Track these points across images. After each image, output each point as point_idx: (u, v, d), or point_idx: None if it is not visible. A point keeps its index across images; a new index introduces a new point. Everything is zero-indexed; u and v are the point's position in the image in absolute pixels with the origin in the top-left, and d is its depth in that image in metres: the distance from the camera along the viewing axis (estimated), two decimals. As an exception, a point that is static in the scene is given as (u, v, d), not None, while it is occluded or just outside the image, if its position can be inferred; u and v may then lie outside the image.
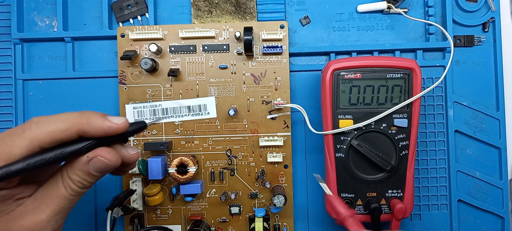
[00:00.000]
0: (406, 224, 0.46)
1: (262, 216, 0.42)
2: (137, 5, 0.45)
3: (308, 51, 0.45)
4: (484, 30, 0.45)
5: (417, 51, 0.45)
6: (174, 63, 0.44)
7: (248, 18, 0.45)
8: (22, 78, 0.45)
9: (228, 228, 0.44)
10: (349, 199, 0.40)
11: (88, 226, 0.45)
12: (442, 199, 0.45)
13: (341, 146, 0.40)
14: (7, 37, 0.46)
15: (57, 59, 0.46)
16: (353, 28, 0.46)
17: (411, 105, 0.39)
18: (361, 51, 0.45)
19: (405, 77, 0.39)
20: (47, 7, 0.46)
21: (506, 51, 0.46)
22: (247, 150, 0.44)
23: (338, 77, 0.39)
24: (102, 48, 0.46)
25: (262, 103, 0.44)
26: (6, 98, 0.46)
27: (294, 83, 0.46)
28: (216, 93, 0.44)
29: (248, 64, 0.44)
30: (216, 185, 0.44)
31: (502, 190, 0.45)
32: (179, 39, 0.44)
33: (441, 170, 0.45)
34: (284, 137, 0.43)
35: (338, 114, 0.39)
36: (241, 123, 0.44)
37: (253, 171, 0.44)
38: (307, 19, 0.46)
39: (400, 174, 0.40)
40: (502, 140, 0.45)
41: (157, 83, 0.44)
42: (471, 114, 0.45)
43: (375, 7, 0.45)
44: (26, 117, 0.46)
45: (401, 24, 0.46)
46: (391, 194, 0.40)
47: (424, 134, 0.45)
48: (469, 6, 0.45)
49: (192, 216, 0.44)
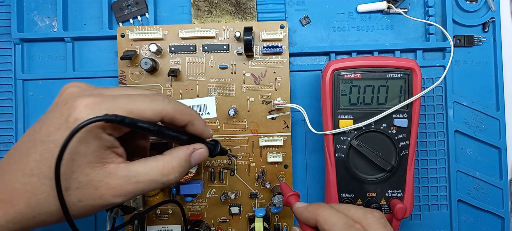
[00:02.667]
0: (406, 224, 0.46)
1: (262, 216, 0.42)
2: (137, 5, 0.45)
3: (308, 51, 0.45)
4: (484, 30, 0.45)
5: (417, 51, 0.45)
6: (174, 63, 0.44)
7: (248, 18, 0.45)
8: (22, 78, 0.45)
9: (228, 228, 0.44)
10: (349, 199, 0.40)
11: (88, 226, 0.45)
12: (442, 199, 0.45)
13: (341, 146, 0.40)
14: (7, 37, 0.46)
15: (57, 59, 0.46)
16: (353, 28, 0.46)
17: (411, 105, 0.39)
18: (361, 51, 0.45)
19: (405, 77, 0.39)
20: (47, 7, 0.46)
21: (506, 51, 0.46)
22: (247, 150, 0.44)
23: (338, 77, 0.39)
24: (102, 48, 0.46)
25: (262, 103, 0.44)
26: (6, 99, 0.46)
27: (294, 83, 0.46)
28: (216, 93, 0.44)
29: (248, 64, 0.44)
30: (216, 185, 0.44)
31: (502, 190, 0.45)
32: (179, 39, 0.44)
33: (441, 170, 0.45)
34: (284, 137, 0.43)
35: (338, 114, 0.39)
36: (241, 123, 0.44)
37: (253, 171, 0.44)
38: (307, 19, 0.46)
39: (400, 174, 0.40)
40: (502, 140, 0.45)
41: (157, 83, 0.44)
42: (471, 115, 0.45)
43: (375, 7, 0.45)
44: (26, 116, 0.46)
45: (401, 24, 0.46)
46: (391, 194, 0.40)
47: (424, 134, 0.45)
48: (469, 6, 0.45)
49: (192, 216, 0.44)
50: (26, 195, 0.27)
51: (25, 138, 0.29)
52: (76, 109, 0.26)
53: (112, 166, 0.28)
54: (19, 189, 0.27)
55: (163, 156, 0.31)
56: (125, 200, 0.29)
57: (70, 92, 0.29)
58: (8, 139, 0.45)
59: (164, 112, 0.29)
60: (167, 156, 0.31)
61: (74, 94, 0.28)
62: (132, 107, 0.28)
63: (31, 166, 0.27)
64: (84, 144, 0.27)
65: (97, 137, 0.27)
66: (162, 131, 0.30)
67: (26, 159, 0.27)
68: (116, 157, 0.29)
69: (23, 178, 0.27)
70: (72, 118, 0.26)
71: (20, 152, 0.28)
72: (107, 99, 0.27)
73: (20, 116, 0.45)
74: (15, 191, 0.27)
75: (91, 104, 0.27)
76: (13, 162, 0.28)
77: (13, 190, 0.27)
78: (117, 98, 0.28)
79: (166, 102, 0.30)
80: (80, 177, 0.27)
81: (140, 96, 0.29)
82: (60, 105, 0.28)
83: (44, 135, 0.27)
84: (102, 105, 0.27)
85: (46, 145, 0.27)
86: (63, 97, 0.28)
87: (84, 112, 0.26)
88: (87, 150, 0.27)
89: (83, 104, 0.27)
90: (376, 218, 0.31)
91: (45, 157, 0.26)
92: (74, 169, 0.27)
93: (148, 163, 0.30)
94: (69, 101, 0.27)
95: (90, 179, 0.28)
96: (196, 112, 0.33)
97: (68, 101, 0.27)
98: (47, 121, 0.27)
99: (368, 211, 0.32)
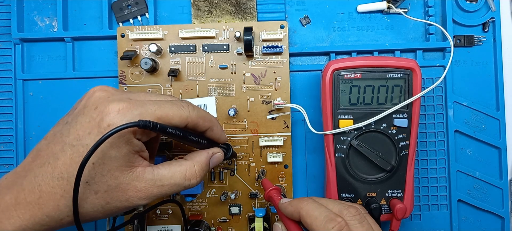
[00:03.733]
0: (406, 224, 0.46)
1: (262, 216, 0.42)
2: (137, 5, 0.45)
3: (308, 51, 0.45)
4: (484, 30, 0.45)
5: (417, 51, 0.45)
6: (174, 63, 0.44)
7: (248, 18, 0.45)
8: (22, 78, 0.45)
9: (228, 228, 0.44)
10: (349, 199, 0.40)
11: (88, 225, 0.45)
12: (442, 199, 0.45)
13: (341, 146, 0.40)
14: (7, 37, 0.46)
15: (57, 59, 0.46)
16: (353, 28, 0.46)
17: (411, 106, 0.39)
18: (361, 51, 0.45)
19: (405, 77, 0.39)
20: (47, 7, 0.46)
21: (506, 51, 0.46)
22: (247, 150, 0.44)
23: (338, 77, 0.39)
24: (102, 48, 0.46)
25: (262, 103, 0.44)
26: (6, 99, 0.46)
27: (294, 83, 0.46)
28: (216, 93, 0.44)
29: (248, 64, 0.44)
30: (216, 185, 0.44)
31: (502, 190, 0.45)
32: (179, 39, 0.44)
33: (441, 170, 0.45)
34: (284, 137, 0.43)
35: (338, 114, 0.39)
36: (241, 123, 0.44)
37: (253, 171, 0.44)
38: (307, 19, 0.46)
39: (400, 174, 0.40)
40: (502, 140, 0.45)
41: (157, 83, 0.44)
42: (471, 115, 0.45)
43: (375, 7, 0.45)
44: (26, 117, 0.46)
45: (401, 24, 0.46)
46: (391, 194, 0.40)
47: (424, 134, 0.45)
48: (469, 6, 0.45)
49: (192, 216, 0.44)
50: (55, 198, 0.27)
51: (50, 139, 0.29)
52: (109, 115, 0.27)
53: (139, 169, 0.29)
54: (48, 192, 0.27)
55: (185, 160, 0.32)
56: (149, 202, 0.30)
57: (99, 96, 0.29)
58: (8, 139, 0.45)
59: (189, 119, 0.31)
60: (189, 161, 0.32)
61: (103, 99, 0.28)
62: (161, 114, 0.29)
63: (61, 169, 0.27)
64: (116, 148, 0.28)
65: (128, 141, 0.28)
66: (187, 136, 0.31)
67: (54, 162, 0.27)
68: (142, 160, 0.30)
69: (52, 181, 0.27)
70: (105, 123, 0.27)
71: (46, 155, 0.28)
72: (137, 105, 0.28)
73: (20, 116, 0.45)
74: (43, 194, 0.27)
75: (124, 110, 0.27)
76: (40, 165, 0.28)
77: (41, 192, 0.27)
78: (146, 104, 0.29)
79: (191, 109, 0.31)
80: (110, 180, 0.28)
81: (168, 103, 0.30)
82: (90, 109, 0.28)
83: (73, 139, 0.27)
84: (133, 111, 0.28)
85: (76, 148, 0.27)
86: (92, 101, 0.28)
87: (117, 118, 0.27)
88: (118, 154, 0.28)
89: (115, 109, 0.27)
90: (351, 214, 0.31)
91: (76, 161, 0.27)
92: (105, 173, 0.28)
93: (172, 167, 0.31)
94: (99, 106, 0.28)
95: (119, 182, 0.28)
96: (216, 119, 0.35)
97: (98, 106, 0.28)
98: (76, 124, 0.28)
99: (345, 207, 0.32)
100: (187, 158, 0.33)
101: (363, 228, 0.31)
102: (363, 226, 0.31)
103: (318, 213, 0.31)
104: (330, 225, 0.30)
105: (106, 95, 0.29)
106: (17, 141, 0.45)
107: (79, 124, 0.28)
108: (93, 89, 0.30)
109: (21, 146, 0.45)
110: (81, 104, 0.29)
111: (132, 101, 0.28)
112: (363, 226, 0.31)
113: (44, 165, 0.28)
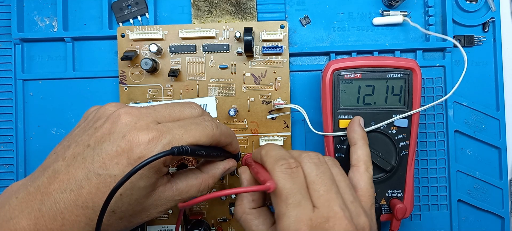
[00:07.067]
0: (406, 224, 0.46)
1: (262, 216, 0.42)
2: (137, 5, 0.45)
3: (308, 51, 0.45)
4: (484, 30, 0.45)
5: (417, 51, 0.45)
6: (174, 63, 0.44)
7: (248, 18, 0.45)
8: (22, 78, 0.45)
9: (228, 228, 0.44)
10: (349, 199, 0.40)
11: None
12: (442, 199, 0.45)
13: (341, 146, 0.40)
14: (7, 37, 0.46)
15: (57, 59, 0.46)
16: (353, 28, 0.46)
17: (411, 106, 0.39)
18: (361, 51, 0.45)
19: (405, 77, 0.39)
20: (47, 7, 0.46)
21: (506, 51, 0.46)
22: (247, 150, 0.44)
23: (338, 77, 0.39)
24: (102, 48, 0.46)
25: (262, 104, 0.44)
26: (6, 99, 0.46)
27: (294, 83, 0.46)
28: (216, 94, 0.44)
29: (248, 64, 0.44)
30: (216, 185, 0.44)
31: (502, 190, 0.45)
32: (179, 39, 0.44)
33: (441, 170, 0.45)
34: (284, 137, 0.43)
35: (338, 115, 0.39)
36: (241, 123, 0.44)
37: (253, 171, 0.44)
38: (307, 19, 0.46)
39: (400, 174, 0.40)
40: (502, 140, 0.45)
41: (158, 84, 0.44)
42: (471, 115, 0.45)
43: (391, 21, 0.45)
44: (26, 117, 0.46)
45: (401, 24, 0.46)
46: (391, 194, 0.40)
47: (424, 134, 0.45)
48: (469, 6, 0.45)
49: (192, 216, 0.44)
50: (79, 226, 0.26)
51: (69, 162, 0.27)
52: (139, 146, 0.27)
53: (160, 189, 0.30)
54: (72, 220, 0.26)
55: (202, 173, 0.33)
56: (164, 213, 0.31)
57: (126, 123, 0.28)
58: (8, 139, 0.45)
59: (213, 137, 0.31)
60: (206, 174, 0.33)
61: (131, 127, 0.27)
62: (189, 139, 0.29)
63: (86, 198, 0.26)
64: (145, 179, 0.27)
65: (158, 171, 0.28)
66: (210, 153, 0.31)
67: (78, 191, 0.26)
68: (162, 179, 0.30)
69: (76, 209, 0.26)
70: (135, 155, 0.26)
71: (67, 180, 0.26)
72: (165, 132, 0.28)
73: (20, 116, 0.45)
74: (67, 222, 0.26)
75: (154, 140, 0.27)
76: (60, 191, 0.26)
77: (64, 220, 0.26)
78: (173, 130, 0.28)
79: (214, 127, 0.31)
80: (136, 207, 0.28)
81: (192, 124, 0.30)
82: (117, 137, 0.27)
83: (98, 167, 0.26)
84: (163, 140, 0.27)
85: (103, 178, 0.26)
86: (119, 128, 0.27)
87: (147, 149, 0.27)
88: (147, 184, 0.28)
89: (145, 140, 0.27)
90: (309, 157, 0.30)
91: (103, 191, 0.26)
92: (132, 202, 0.28)
93: (189, 180, 0.32)
94: (127, 135, 0.27)
95: (144, 206, 0.29)
96: (233, 132, 0.35)
97: (126, 135, 0.27)
98: (101, 152, 0.27)
99: (305, 151, 0.31)
100: (204, 171, 0.33)
101: (317, 170, 0.29)
102: (319, 169, 0.29)
103: (275, 153, 0.31)
104: (279, 163, 0.29)
105: (133, 122, 0.28)
106: (17, 141, 0.45)
107: (104, 152, 0.27)
108: (118, 111, 0.28)
109: (21, 146, 0.45)
110: (105, 129, 0.28)
111: (160, 130, 0.28)
112: (319, 168, 0.29)
113: (65, 191, 0.26)
